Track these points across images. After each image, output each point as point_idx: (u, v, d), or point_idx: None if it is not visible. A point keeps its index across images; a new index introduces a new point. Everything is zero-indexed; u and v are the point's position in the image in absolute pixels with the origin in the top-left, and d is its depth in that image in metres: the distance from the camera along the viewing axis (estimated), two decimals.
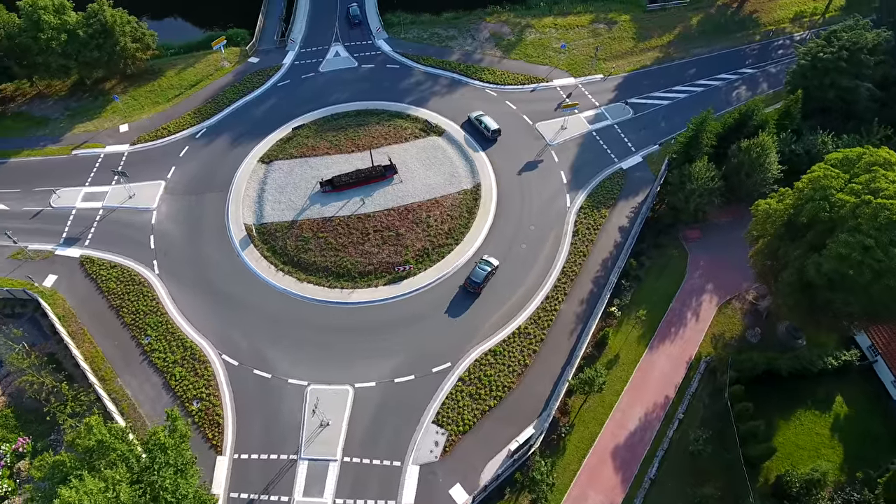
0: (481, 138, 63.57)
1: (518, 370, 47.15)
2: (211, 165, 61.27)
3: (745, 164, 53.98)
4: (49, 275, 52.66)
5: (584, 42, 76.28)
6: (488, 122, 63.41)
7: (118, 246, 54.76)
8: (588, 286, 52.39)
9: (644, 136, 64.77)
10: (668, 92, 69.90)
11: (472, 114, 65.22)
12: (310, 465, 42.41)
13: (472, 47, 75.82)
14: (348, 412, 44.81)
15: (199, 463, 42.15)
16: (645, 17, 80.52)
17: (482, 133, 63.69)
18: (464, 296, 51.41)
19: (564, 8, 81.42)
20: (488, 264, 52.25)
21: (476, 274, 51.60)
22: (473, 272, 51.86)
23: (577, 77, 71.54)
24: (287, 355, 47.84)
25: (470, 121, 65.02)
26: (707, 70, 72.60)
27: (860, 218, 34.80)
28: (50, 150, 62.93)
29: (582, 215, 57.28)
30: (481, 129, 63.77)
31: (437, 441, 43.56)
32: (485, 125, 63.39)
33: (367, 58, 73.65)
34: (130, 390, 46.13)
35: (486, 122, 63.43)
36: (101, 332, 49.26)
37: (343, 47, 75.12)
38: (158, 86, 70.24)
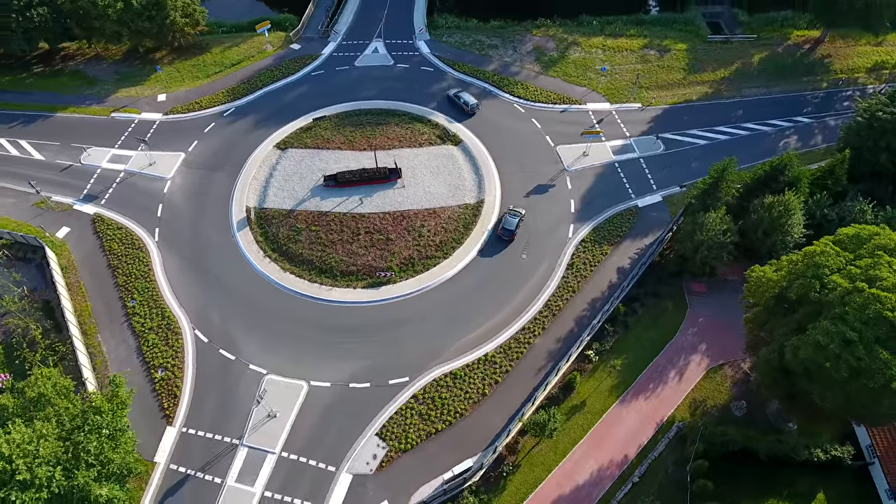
0: (460, 113, 66.13)
1: (475, 398, 45.76)
2: (230, 144, 63.28)
3: (764, 221, 49.71)
4: (63, 227, 56.24)
5: (629, 67, 72.78)
6: (466, 98, 66.23)
7: (129, 209, 57.66)
8: (569, 324, 50.04)
9: (669, 175, 61.00)
10: (708, 131, 65.48)
11: (450, 91, 67.80)
12: (249, 453, 43.06)
13: (512, 59, 74.10)
14: (297, 408, 45.10)
15: (149, 431, 44.18)
16: (703, 48, 75.77)
17: (461, 108, 66.21)
18: (496, 243, 54.81)
19: (617, 29, 78.00)
20: (516, 213, 55.39)
21: (508, 222, 54.83)
22: (505, 221, 55.09)
23: (614, 103, 68.37)
24: (254, 341, 48.73)
25: (449, 98, 67.52)
26: (757, 113, 67.41)
27: (848, 306, 31.04)
28: (93, 109, 67.14)
29: (582, 248, 54.75)
30: (460, 105, 66.29)
31: (375, 454, 43.06)
32: (463, 101, 66.10)
33: (404, 57, 73.59)
34: (106, 347, 48.56)
35: (465, 98, 66.26)
36: (94, 288, 52.12)
37: (383, 44, 75.44)
38: (202, 61, 73.28)
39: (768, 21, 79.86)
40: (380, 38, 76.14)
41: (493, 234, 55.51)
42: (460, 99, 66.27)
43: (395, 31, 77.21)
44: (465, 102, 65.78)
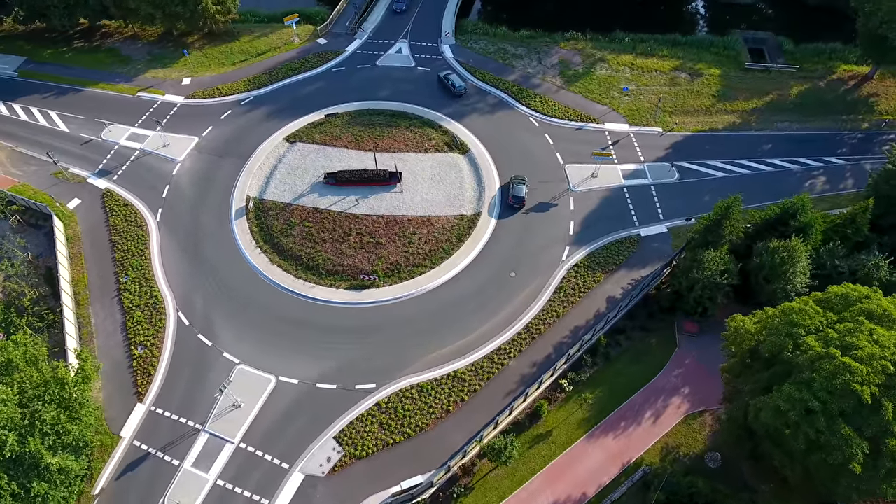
0: (449, 95, 67.78)
1: (438, 414, 45.14)
2: (243, 132, 64.54)
3: (766, 266, 46.95)
4: (75, 198, 58.73)
5: (655, 89, 70.15)
6: (454, 80, 67.74)
7: (137, 187, 59.67)
8: (547, 350, 48.68)
9: (680, 206, 58.42)
10: (729, 163, 62.40)
11: (440, 73, 69.54)
12: (209, 439, 43.86)
13: (535, 70, 72.64)
14: (263, 401, 45.61)
15: (121, 405, 45.62)
16: (738, 75, 72.25)
17: (449, 90, 67.77)
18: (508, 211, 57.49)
19: (650, 48, 75.30)
20: (521, 180, 58.08)
21: (517, 189, 57.24)
22: (514, 189, 57.37)
23: (633, 125, 66.06)
24: (232, 329, 49.57)
25: (439, 79, 69.20)
26: (786, 149, 63.78)
27: (816, 372, 28.82)
28: (121, 87, 69.78)
29: (574, 273, 53.17)
30: (448, 86, 67.83)
31: (330, 457, 43.09)
32: (451, 82, 67.60)
33: (426, 60, 73.25)
34: (95, 319, 50.41)
35: (453, 80, 67.78)
36: (93, 260, 54.19)
37: (408, 45, 75.29)
38: (230, 49, 75.03)
39: (815, 52, 75.45)
40: (405, 39, 76.06)
41: (504, 201, 57.95)
42: (448, 80, 67.81)
43: (421, 34, 76.94)
44: (452, 84, 67.43)
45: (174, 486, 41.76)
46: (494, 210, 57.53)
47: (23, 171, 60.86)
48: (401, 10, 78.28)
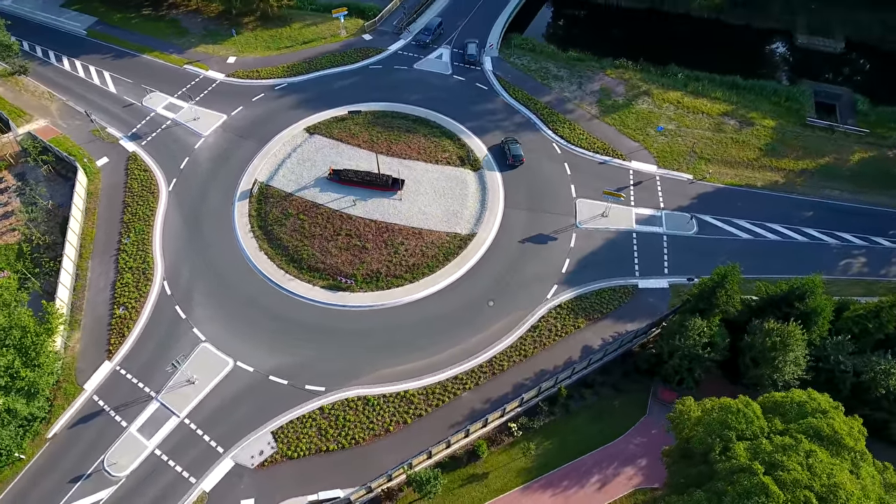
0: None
1: (377, 431, 44.53)
2: (268, 117, 66.22)
3: (755, 348, 42.77)
4: (104, 157, 62.53)
5: (697, 132, 65.47)
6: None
7: (160, 155, 62.70)
8: (505, 388, 46.76)
9: (689, 262, 54.29)
10: (759, 225, 57.25)
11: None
12: (158, 409, 45.52)
13: (572, 95, 69.73)
14: (215, 382, 46.73)
15: (92, 360, 48.23)
16: (795, 130, 66.08)
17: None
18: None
19: (703, 87, 70.29)
20: (515, 140, 61.78)
21: (515, 149, 60.78)
22: (513, 149, 60.69)
23: (662, 167, 62.02)
24: (207, 307, 51.07)
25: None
26: (829, 220, 57.69)
27: (732, 486, 25.71)
28: (172, 58, 73.50)
29: (555, 313, 50.70)
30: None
31: (263, 451, 43.56)
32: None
33: (463, 69, 72.05)
34: (91, 274, 53.54)
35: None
36: (104, 218, 57.51)
37: (450, 52, 74.39)
38: (279, 34, 77.15)
39: (892, 117, 67.69)
40: (449, 46, 75.21)
41: (498, 160, 61.14)
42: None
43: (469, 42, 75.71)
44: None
45: (116, 446, 43.72)
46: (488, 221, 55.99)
47: (68, 124, 65.54)
48: (425, 42, 74.26)
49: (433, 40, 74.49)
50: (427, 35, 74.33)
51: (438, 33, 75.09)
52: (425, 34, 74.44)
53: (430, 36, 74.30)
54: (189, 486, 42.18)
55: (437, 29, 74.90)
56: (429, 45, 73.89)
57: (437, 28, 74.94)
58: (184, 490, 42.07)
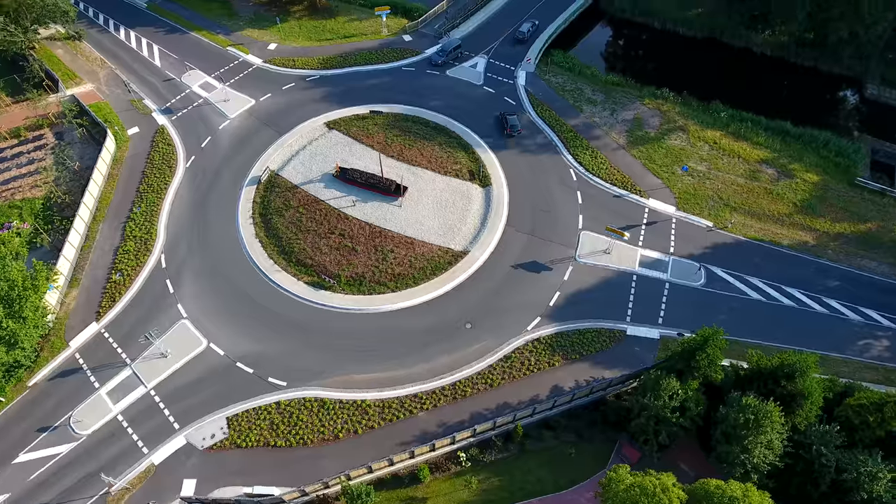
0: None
1: (327, 435, 44.50)
2: (293, 106, 67.42)
3: (728, 422, 39.53)
4: (135, 126, 65.65)
5: (728, 177, 61.24)
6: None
7: (185, 132, 65.14)
8: (463, 415, 45.53)
9: (688, 315, 50.83)
10: (775, 287, 52.90)
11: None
12: (129, 376, 47.41)
13: (602, 121, 66.87)
14: (186, 360, 48.12)
15: (82, 318, 50.83)
16: (840, 189, 60.57)
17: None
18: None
19: (746, 130, 65.56)
20: (511, 112, 64.90)
21: (513, 120, 63.65)
22: (510, 121, 63.60)
23: (681, 210, 58.45)
24: (195, 286, 52.64)
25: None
26: (857, 294, 52.48)
27: None
28: (218, 38, 76.16)
29: (531, 347, 48.90)
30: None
31: (214, 434, 44.52)
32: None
33: (495, 82, 70.62)
34: (99, 237, 56.35)
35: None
36: (123, 185, 60.40)
37: (486, 62, 73.06)
38: (323, 25, 78.32)
39: None
40: (486, 55, 73.87)
41: (498, 129, 64.25)
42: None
43: (505, 53, 74.20)
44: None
45: (84, 405, 45.92)
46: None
47: (111, 91, 69.28)
48: (436, 63, 71.06)
49: (445, 62, 71.43)
50: (441, 56, 71.16)
51: (456, 55, 71.97)
52: (439, 54, 71.34)
53: (443, 57, 71.00)
54: (141, 456, 43.73)
55: (453, 51, 71.66)
56: (440, 65, 71.21)
57: (453, 50, 71.69)
58: (135, 459, 43.65)
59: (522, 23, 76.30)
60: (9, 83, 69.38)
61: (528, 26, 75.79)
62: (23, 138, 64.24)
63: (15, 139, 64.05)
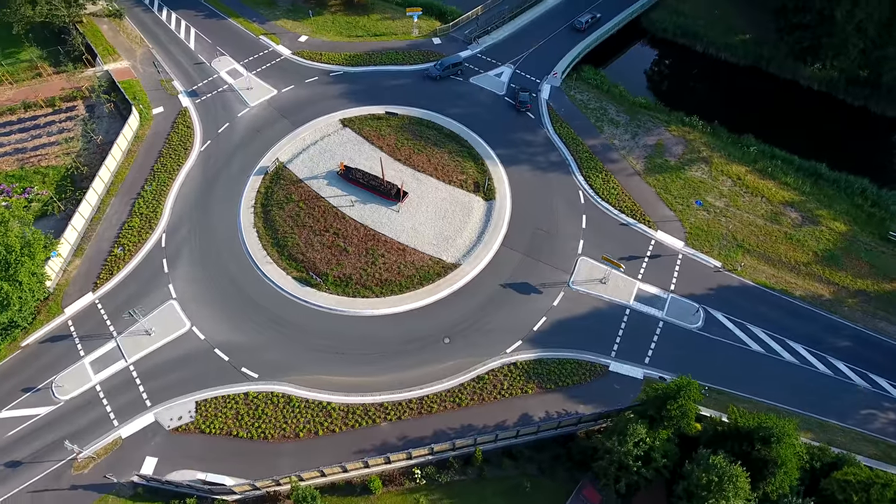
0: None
1: (288, 433, 44.69)
2: (312, 100, 68.00)
3: (691, 479, 37.32)
4: (161, 106, 67.76)
5: (747, 217, 57.92)
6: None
7: (206, 116, 66.72)
8: (426, 431, 44.78)
9: (677, 357, 48.41)
10: (777, 340, 49.70)
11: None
12: (113, 349, 48.90)
13: (622, 143, 64.44)
14: (168, 340, 49.22)
15: (80, 288, 52.74)
16: (869, 242, 56.33)
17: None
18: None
19: (775, 168, 61.82)
20: (525, 88, 67.35)
21: (523, 96, 65.96)
22: (520, 97, 66.03)
23: (689, 246, 55.68)
24: (189, 268, 53.83)
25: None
26: (869, 358, 48.65)
27: None
28: (253, 26, 77.71)
29: (506, 370, 47.64)
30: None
31: (181, 416, 45.41)
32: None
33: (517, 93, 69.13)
34: (109, 210, 58.37)
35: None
36: (139, 162, 62.37)
37: (512, 72, 71.66)
38: (356, 22, 78.65)
39: None
40: (513, 65, 72.43)
41: (510, 103, 66.62)
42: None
43: (533, 65, 72.53)
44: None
45: (67, 372, 47.68)
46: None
47: (145, 69, 71.77)
48: (433, 77, 69.42)
49: (442, 77, 69.36)
50: (438, 69, 69.23)
51: (455, 71, 69.84)
52: (437, 68, 69.37)
53: (440, 71, 69.13)
54: (110, 428, 45.11)
55: (452, 67, 69.57)
56: (436, 79, 69.44)
57: (452, 66, 69.60)
58: (105, 430, 45.05)
59: (583, 13, 76.86)
60: (52, 54, 73.02)
61: (588, 17, 75.92)
62: (57, 108, 67.41)
63: (50, 108, 67.28)
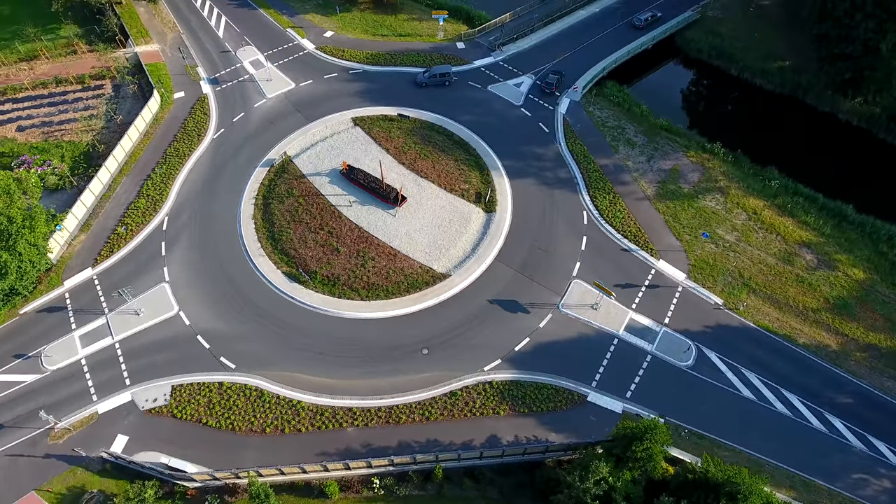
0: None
1: (255, 427, 45.00)
2: (328, 97, 68.27)
3: None
4: (182, 91, 69.37)
5: (757, 255, 55.02)
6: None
7: (223, 105, 67.85)
8: (391, 441, 44.22)
9: (660, 394, 46.42)
10: (771, 388, 47.00)
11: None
12: (102, 325, 50.32)
13: (635, 166, 62.23)
14: (155, 322, 50.27)
15: (83, 262, 54.51)
16: (889, 293, 52.62)
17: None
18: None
19: (795, 205, 58.45)
20: (557, 71, 69.33)
21: (550, 77, 68.26)
22: (546, 77, 68.54)
23: (691, 279, 53.31)
24: (186, 252, 54.86)
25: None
26: (868, 418, 45.45)
27: None
28: (282, 18, 78.65)
29: (480, 389, 46.62)
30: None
31: (157, 399, 46.33)
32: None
33: (535, 105, 67.70)
34: (119, 189, 59.95)
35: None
36: (154, 144, 63.88)
37: (533, 83, 70.20)
38: (383, 21, 78.57)
39: None
40: (534, 76, 70.96)
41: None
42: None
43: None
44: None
45: (57, 343, 49.33)
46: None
47: (173, 54, 73.58)
48: (418, 84, 68.58)
49: (426, 84, 68.25)
50: (425, 76, 68.48)
51: (444, 81, 68.41)
52: (424, 75, 68.63)
53: (427, 78, 68.20)
54: (89, 402, 46.45)
55: (440, 76, 68.24)
56: (422, 86, 68.52)
57: (440, 75, 68.22)
58: (84, 403, 46.42)
59: (643, 11, 76.79)
60: (89, 32, 75.74)
61: (648, 15, 75.73)
62: (86, 85, 69.86)
63: (79, 85, 69.81)
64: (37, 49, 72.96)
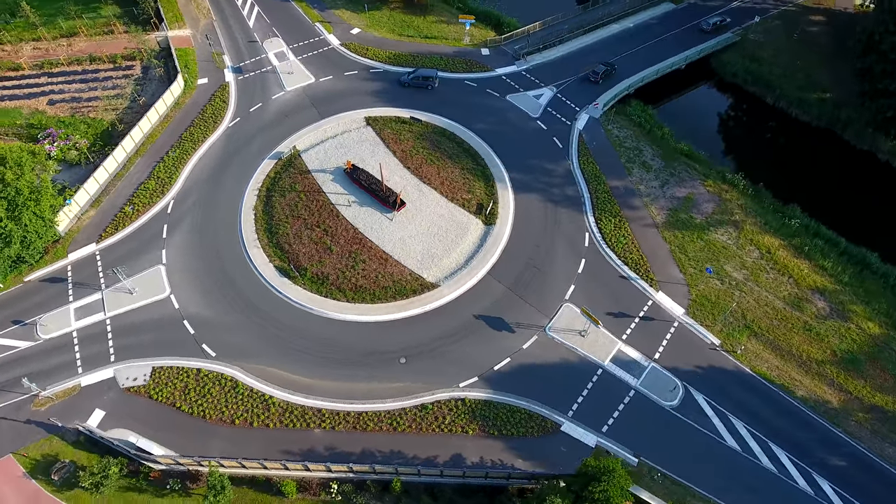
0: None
1: (226, 418, 45.43)
2: (344, 94, 68.42)
3: None
4: (206, 78, 70.80)
5: (765, 296, 52.08)
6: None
7: (243, 94, 68.90)
8: (356, 447, 43.79)
9: (638, 434, 44.44)
10: (758, 439, 44.35)
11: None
12: (97, 301, 51.69)
13: (647, 190, 59.92)
14: (146, 302, 51.38)
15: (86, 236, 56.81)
16: None
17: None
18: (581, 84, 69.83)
19: (814, 248, 55.04)
20: (608, 63, 70.24)
21: (599, 67, 69.43)
22: (596, 66, 69.63)
23: (689, 315, 50.93)
24: (186, 237, 55.88)
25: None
26: (861, 485, 42.30)
27: None
28: (312, 12, 79.35)
29: (452, 405, 45.69)
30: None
31: (137, 378, 47.32)
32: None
33: (552, 118, 66.10)
34: (133, 169, 61.68)
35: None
36: (172, 128, 65.17)
37: (552, 95, 68.59)
38: (412, 21, 78.23)
39: None
40: (556, 88, 69.26)
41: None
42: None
43: (578, 91, 69.10)
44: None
45: (53, 314, 50.99)
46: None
47: (202, 41, 75.29)
48: (402, 83, 68.20)
49: (410, 85, 67.82)
50: (408, 77, 67.99)
51: (426, 84, 67.43)
52: (407, 76, 68.23)
53: (410, 79, 67.77)
54: (74, 374, 47.91)
55: (423, 79, 67.39)
56: (405, 86, 67.94)
57: (423, 78, 67.39)
58: (69, 374, 47.88)
59: (711, 14, 78.00)
60: (127, 13, 78.30)
61: (717, 19, 76.22)
62: (117, 65, 72.23)
63: (111, 64, 72.22)
64: (77, 26, 75.87)
